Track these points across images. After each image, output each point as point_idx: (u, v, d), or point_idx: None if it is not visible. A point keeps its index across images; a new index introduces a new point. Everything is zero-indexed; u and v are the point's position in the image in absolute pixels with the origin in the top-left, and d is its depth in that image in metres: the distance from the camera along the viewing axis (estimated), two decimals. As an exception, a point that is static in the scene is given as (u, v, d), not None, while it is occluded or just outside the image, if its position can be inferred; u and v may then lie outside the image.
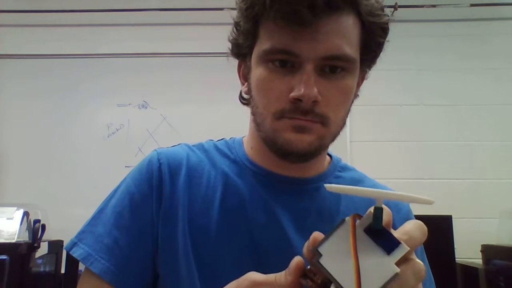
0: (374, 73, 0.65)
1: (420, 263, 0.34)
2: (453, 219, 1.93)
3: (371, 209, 0.33)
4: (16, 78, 2.36)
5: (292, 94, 0.53)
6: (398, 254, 0.32)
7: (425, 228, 0.35)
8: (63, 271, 1.95)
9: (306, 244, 0.35)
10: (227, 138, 0.71)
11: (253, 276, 0.37)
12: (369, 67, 0.63)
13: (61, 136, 2.30)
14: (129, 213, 0.59)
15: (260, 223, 0.59)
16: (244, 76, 0.64)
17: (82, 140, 2.29)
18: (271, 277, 0.36)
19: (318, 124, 0.55)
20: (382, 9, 0.57)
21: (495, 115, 2.28)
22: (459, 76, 2.33)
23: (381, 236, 0.33)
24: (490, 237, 1.99)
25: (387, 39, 0.59)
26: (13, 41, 2.39)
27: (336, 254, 0.32)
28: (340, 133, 0.60)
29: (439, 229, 1.91)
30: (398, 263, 0.32)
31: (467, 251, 1.98)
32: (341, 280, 0.31)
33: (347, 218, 0.33)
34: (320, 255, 0.32)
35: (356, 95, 0.63)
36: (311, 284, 0.34)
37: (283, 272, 0.35)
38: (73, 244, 0.58)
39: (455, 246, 1.90)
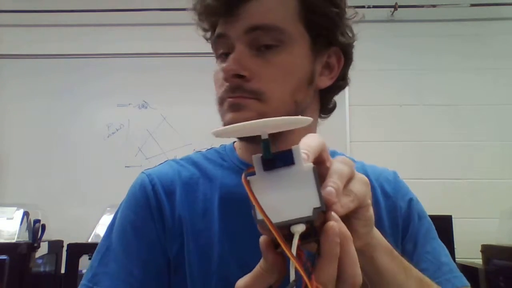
0: (374, 73, 0.66)
1: (340, 157, 0.37)
2: (453, 219, 1.93)
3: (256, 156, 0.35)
4: (16, 78, 2.37)
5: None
6: (297, 156, 0.33)
7: (318, 136, 0.37)
8: (63, 271, 1.95)
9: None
10: (216, 146, 0.70)
11: (240, 282, 0.36)
12: (327, 46, 0.60)
13: (61, 136, 2.30)
14: (135, 240, 0.59)
15: None
16: None
17: (82, 140, 2.29)
18: (256, 269, 0.36)
19: (253, 100, 0.55)
20: None
21: (495, 115, 2.28)
22: (459, 76, 2.33)
23: (277, 160, 0.34)
24: (490, 237, 1.99)
25: (344, 13, 0.59)
26: (13, 41, 2.39)
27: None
28: (302, 111, 0.58)
29: (439, 229, 1.88)
30: (321, 168, 0.34)
31: (467, 251, 1.97)
32: (293, 216, 0.32)
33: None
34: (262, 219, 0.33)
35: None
36: (286, 247, 0.33)
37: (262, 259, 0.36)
38: None
39: (455, 246, 1.90)
